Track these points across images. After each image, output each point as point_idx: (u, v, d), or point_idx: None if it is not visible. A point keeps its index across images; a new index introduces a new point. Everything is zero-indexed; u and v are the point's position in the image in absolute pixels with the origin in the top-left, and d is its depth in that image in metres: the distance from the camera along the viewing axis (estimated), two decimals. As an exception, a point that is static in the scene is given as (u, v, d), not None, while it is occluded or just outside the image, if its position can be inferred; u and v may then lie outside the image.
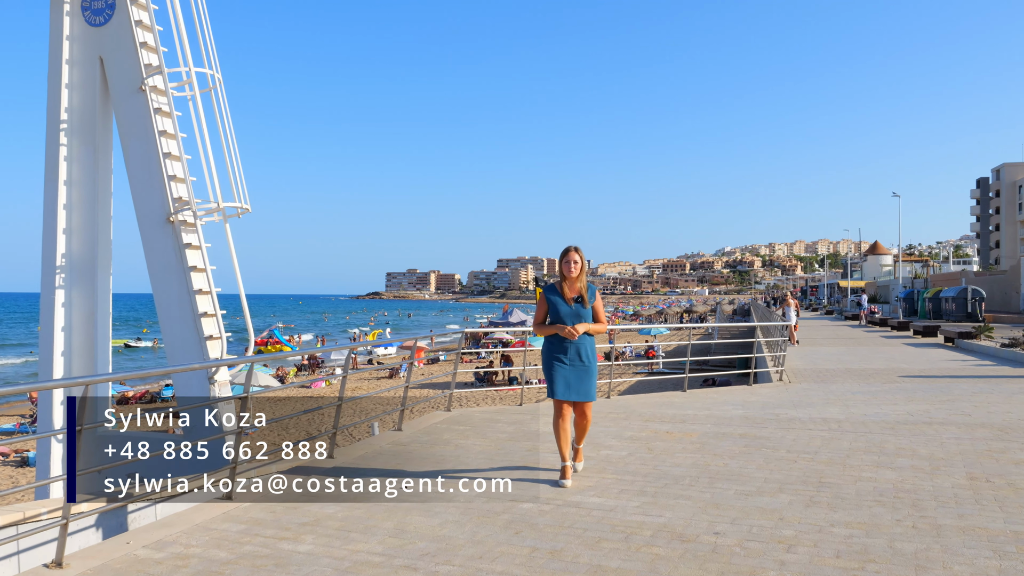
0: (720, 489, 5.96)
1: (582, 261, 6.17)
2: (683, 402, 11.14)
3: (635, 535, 4.85)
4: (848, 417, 9.51)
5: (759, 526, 5.00)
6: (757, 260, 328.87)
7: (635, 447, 7.66)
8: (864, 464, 6.80)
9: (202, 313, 11.68)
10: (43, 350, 12.41)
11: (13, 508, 6.56)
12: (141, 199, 11.95)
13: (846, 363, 17.77)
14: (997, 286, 50.97)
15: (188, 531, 5.02)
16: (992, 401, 10.92)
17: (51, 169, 12.32)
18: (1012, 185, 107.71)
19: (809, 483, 6.13)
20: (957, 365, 17.08)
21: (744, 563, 4.33)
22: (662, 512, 5.34)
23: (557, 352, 6.15)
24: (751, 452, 7.38)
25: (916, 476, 6.34)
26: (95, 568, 4.36)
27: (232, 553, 4.60)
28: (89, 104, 12.51)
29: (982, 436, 8.13)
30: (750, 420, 9.33)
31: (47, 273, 12.29)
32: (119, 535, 4.98)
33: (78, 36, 12.44)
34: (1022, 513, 5.25)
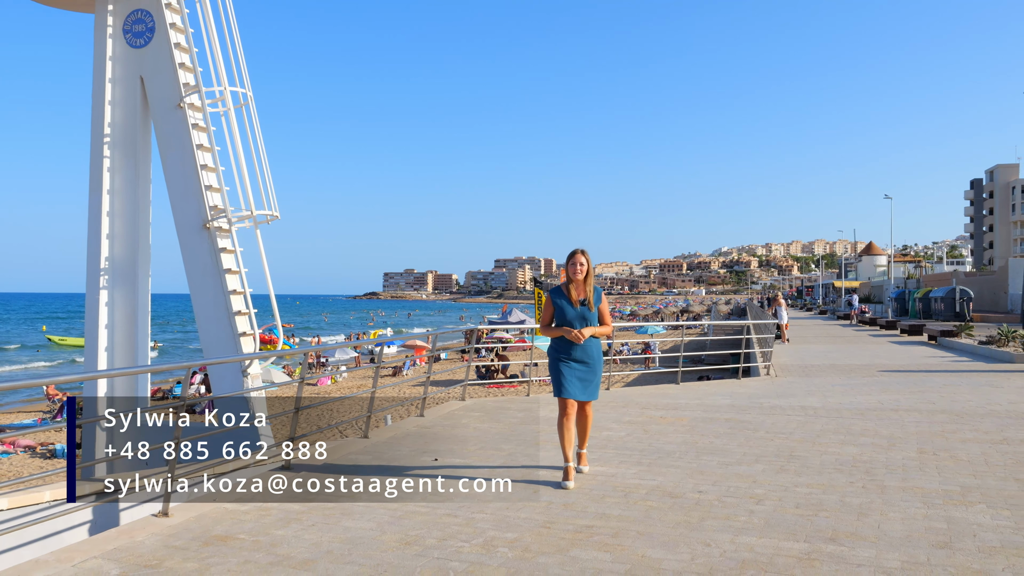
0: (705, 460, 7.00)
1: (588, 264, 6.25)
2: (676, 393, 12.17)
3: (632, 493, 5.87)
4: (824, 405, 10.56)
5: (735, 487, 6.03)
6: (754, 260, 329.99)
7: (632, 429, 8.69)
8: (831, 442, 7.85)
9: (236, 312, 12.71)
10: (88, 345, 13.43)
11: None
12: (180, 207, 12.99)
13: (832, 359, 18.82)
14: (987, 286, 52.09)
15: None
16: (958, 392, 11.98)
17: (95, 179, 13.35)
18: (1005, 186, 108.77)
19: (781, 456, 7.17)
20: (935, 361, 18.14)
21: (721, 511, 5.36)
22: (655, 477, 6.37)
23: (563, 353, 6.24)
24: (734, 433, 8.42)
25: (874, 451, 7.38)
26: (195, 516, 5.38)
27: (307, 504, 5.61)
28: (130, 119, 13.54)
29: (940, 420, 9.18)
30: (736, 408, 10.38)
31: (92, 275, 13.31)
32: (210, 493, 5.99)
33: (120, 57, 13.47)
34: (956, 477, 6.29)
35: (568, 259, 6.25)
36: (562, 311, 6.23)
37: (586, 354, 6.21)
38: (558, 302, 6.25)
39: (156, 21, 13.12)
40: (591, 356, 6.24)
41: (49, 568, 4.30)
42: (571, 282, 6.24)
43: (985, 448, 7.47)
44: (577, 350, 6.20)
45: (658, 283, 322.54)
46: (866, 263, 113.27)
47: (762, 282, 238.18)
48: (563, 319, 6.23)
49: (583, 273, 6.20)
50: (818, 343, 25.70)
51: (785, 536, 4.80)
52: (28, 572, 4.24)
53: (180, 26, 13.33)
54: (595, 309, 6.23)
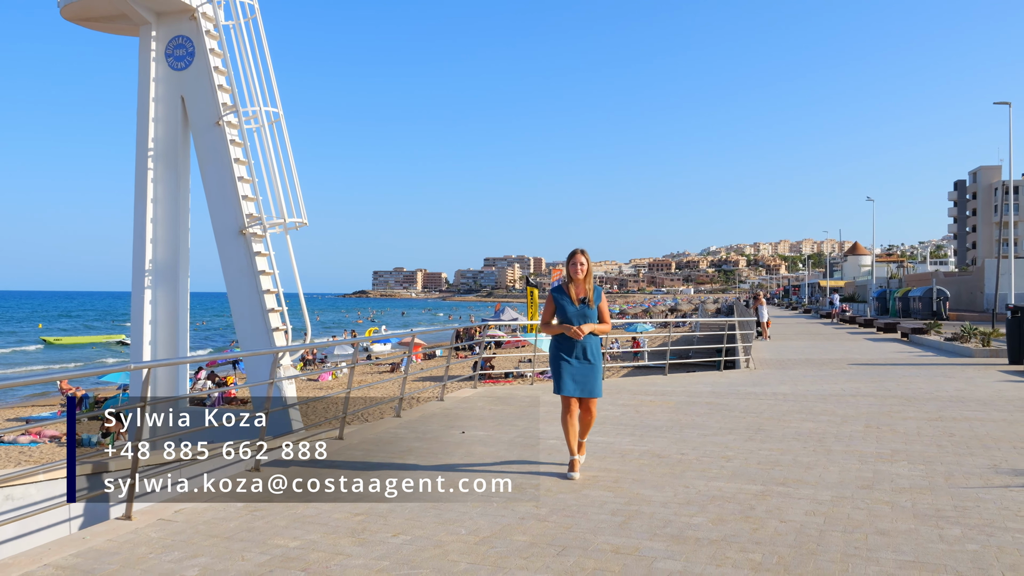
0: (687, 432, 8.43)
1: (588, 264, 6.44)
2: (664, 382, 13.62)
3: (628, 455, 7.29)
4: (793, 392, 12.02)
5: (711, 451, 7.46)
6: (742, 260, 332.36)
7: (626, 410, 10.13)
8: (793, 419, 9.30)
9: (270, 309, 14.08)
10: (134, 339, 14.75)
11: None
12: (218, 215, 14.34)
13: (808, 354, 20.33)
14: (964, 286, 53.84)
15: (338, 450, 7.41)
16: (913, 381, 13.47)
17: (140, 189, 14.68)
18: (988, 188, 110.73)
19: (750, 429, 8.61)
20: (903, 356, 19.67)
21: (698, 466, 6.78)
22: (646, 444, 7.80)
23: (564, 351, 6.40)
24: (713, 412, 9.87)
25: (828, 426, 8.83)
26: (282, 471, 6.75)
27: (369, 460, 7.00)
28: (172, 135, 14.87)
29: (890, 403, 10.65)
30: (716, 394, 11.83)
31: (137, 276, 14.63)
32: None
33: (163, 78, 14.81)
34: (890, 444, 7.74)
35: (568, 258, 6.45)
36: (563, 309, 6.42)
37: (586, 350, 6.38)
38: (559, 300, 6.45)
39: (196, 46, 14.45)
40: (591, 353, 6.40)
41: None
42: (571, 281, 6.44)
43: (921, 424, 8.93)
44: (578, 347, 6.36)
45: (647, 282, 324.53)
46: (851, 263, 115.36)
47: (750, 281, 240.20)
48: (564, 317, 6.42)
49: (583, 272, 6.40)
50: (798, 340, 27.23)
51: (747, 481, 6.23)
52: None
53: (218, 51, 14.66)
54: (595, 307, 6.42)
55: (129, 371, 13.53)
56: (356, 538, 4.86)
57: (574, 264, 6.40)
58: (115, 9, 14.38)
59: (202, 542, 4.83)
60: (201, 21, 14.49)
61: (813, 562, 4.34)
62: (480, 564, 4.37)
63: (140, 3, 14.25)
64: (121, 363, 53.15)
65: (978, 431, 8.43)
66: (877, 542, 4.67)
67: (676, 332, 48.68)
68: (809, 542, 4.68)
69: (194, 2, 14.60)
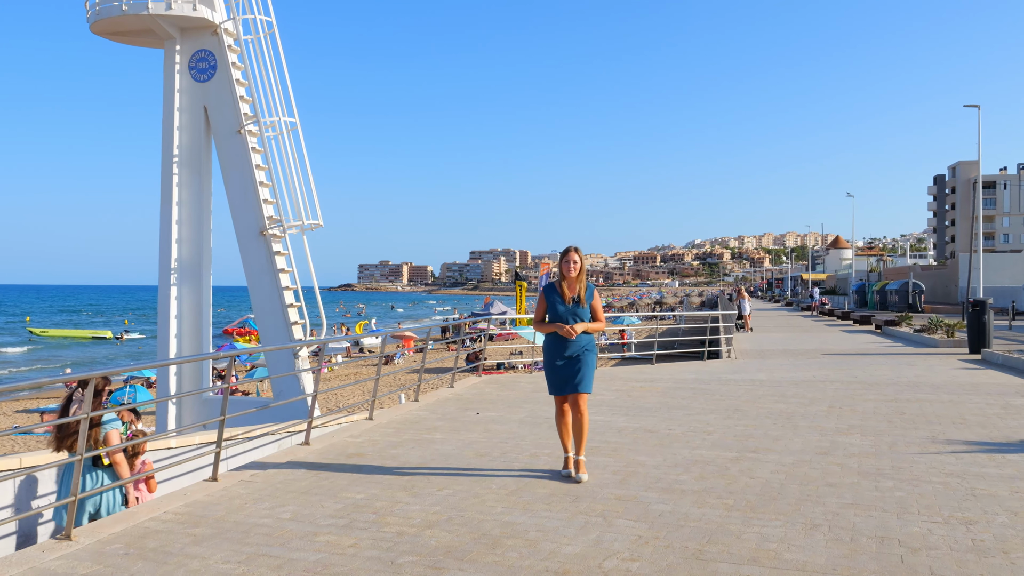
0: (674, 412, 9.64)
1: (582, 261, 6.36)
2: (652, 371, 14.85)
3: (623, 430, 8.48)
4: (769, 379, 13.27)
5: (695, 427, 8.66)
6: (726, 252, 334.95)
7: (619, 395, 11.33)
8: (767, 401, 10.53)
9: (288, 305, 15.18)
10: (160, 333, 15.82)
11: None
12: (240, 217, 15.40)
13: (785, 345, 21.64)
14: (939, 280, 55.50)
15: (364, 431, 8.56)
16: (878, 369, 14.75)
17: (166, 192, 15.71)
18: (966, 182, 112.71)
19: (729, 410, 9.83)
20: (874, 346, 21.00)
21: (684, 439, 7.97)
22: (638, 422, 8.99)
23: (555, 349, 6.31)
24: (697, 396, 11.09)
25: (797, 406, 10.06)
26: (330, 445, 7.90)
27: (395, 439, 8.14)
28: (195, 142, 15.91)
29: (854, 387, 11.91)
30: (700, 380, 13.06)
31: (163, 273, 15.68)
32: (331, 434, 8.49)
33: (187, 89, 15.84)
34: (848, 421, 8.97)
35: (562, 256, 6.40)
36: (554, 307, 6.31)
37: (578, 349, 6.28)
38: (551, 298, 6.33)
39: (218, 60, 15.47)
40: (583, 350, 6.30)
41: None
42: (564, 279, 6.35)
43: (878, 404, 10.18)
44: (568, 346, 6.26)
45: (632, 275, 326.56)
46: (833, 256, 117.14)
47: (734, 274, 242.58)
48: (555, 315, 6.30)
49: (576, 270, 6.32)
50: (778, 332, 28.56)
51: (724, 450, 7.43)
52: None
53: (239, 64, 15.70)
54: (587, 305, 6.34)
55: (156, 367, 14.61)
56: (409, 492, 6.01)
57: (567, 262, 6.34)
58: (142, 25, 15.37)
59: (284, 495, 5.96)
60: (223, 36, 15.54)
61: (774, 505, 5.54)
62: (512, 508, 5.53)
63: (165, 19, 15.25)
64: (113, 357, 53.86)
65: (926, 410, 9.69)
66: (826, 491, 5.88)
67: (663, 324, 49.96)
68: (772, 491, 5.88)
69: (216, 18, 15.64)
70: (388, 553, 4.60)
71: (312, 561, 4.48)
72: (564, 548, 4.63)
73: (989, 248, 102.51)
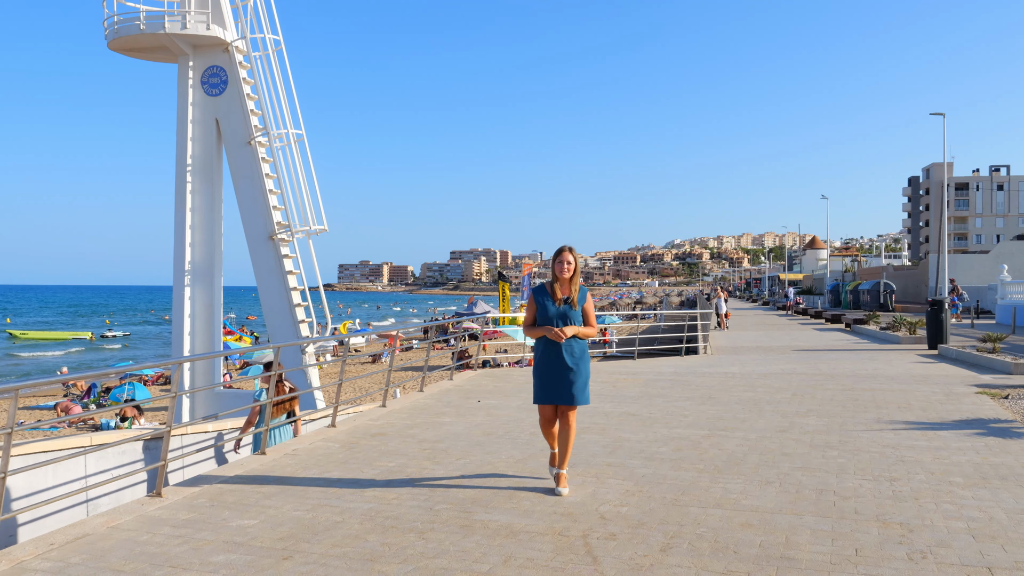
0: (654, 400, 10.83)
1: (576, 262, 6.02)
2: (634, 365, 16.04)
3: (610, 414, 9.65)
4: (741, 371, 14.50)
5: (672, 412, 9.84)
6: (706, 252, 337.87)
7: (604, 385, 12.50)
8: (737, 390, 11.74)
9: (296, 304, 16.24)
10: (175, 331, 16.80)
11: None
12: (250, 223, 16.44)
13: (759, 342, 22.92)
14: (911, 280, 57.20)
15: (381, 415, 9.66)
16: (841, 363, 16.02)
17: (180, 199, 16.71)
18: (940, 184, 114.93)
19: (704, 397, 11.03)
20: (842, 343, 22.32)
21: (663, 421, 9.15)
22: (623, 408, 10.16)
23: (544, 355, 6.00)
24: (674, 386, 12.29)
25: (764, 394, 11.28)
26: (354, 427, 9.00)
27: (410, 422, 9.25)
28: (207, 152, 16.92)
29: (816, 378, 13.16)
30: (677, 373, 14.26)
31: (177, 275, 16.67)
32: (344, 419, 9.58)
33: (199, 103, 16.85)
34: (807, 406, 10.18)
35: (555, 257, 6.04)
36: (544, 309, 5.97)
37: (568, 356, 5.94)
38: (540, 300, 6.01)
39: (229, 75, 16.49)
40: (573, 357, 5.96)
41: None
42: (557, 279, 6.00)
43: (835, 393, 11.42)
44: (558, 351, 5.93)
45: (612, 275, 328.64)
46: (810, 256, 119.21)
47: (713, 274, 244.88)
48: (544, 317, 5.96)
49: (570, 271, 5.97)
50: (753, 330, 29.87)
51: (697, 428, 8.61)
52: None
53: (249, 79, 16.73)
54: (579, 308, 5.99)
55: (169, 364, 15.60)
56: (432, 461, 7.13)
57: (560, 263, 5.98)
58: (156, 42, 16.34)
59: (327, 464, 7.06)
60: (234, 53, 16.57)
61: (736, 468, 6.71)
62: (521, 472, 6.67)
63: (180, 38, 16.24)
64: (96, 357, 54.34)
65: (877, 397, 10.93)
66: (780, 459, 7.06)
67: (644, 323, 51.30)
68: (736, 459, 7.06)
69: (228, 37, 16.66)
70: (426, 502, 5.72)
71: (366, 509, 5.59)
72: (567, 499, 5.78)
73: (962, 248, 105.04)
